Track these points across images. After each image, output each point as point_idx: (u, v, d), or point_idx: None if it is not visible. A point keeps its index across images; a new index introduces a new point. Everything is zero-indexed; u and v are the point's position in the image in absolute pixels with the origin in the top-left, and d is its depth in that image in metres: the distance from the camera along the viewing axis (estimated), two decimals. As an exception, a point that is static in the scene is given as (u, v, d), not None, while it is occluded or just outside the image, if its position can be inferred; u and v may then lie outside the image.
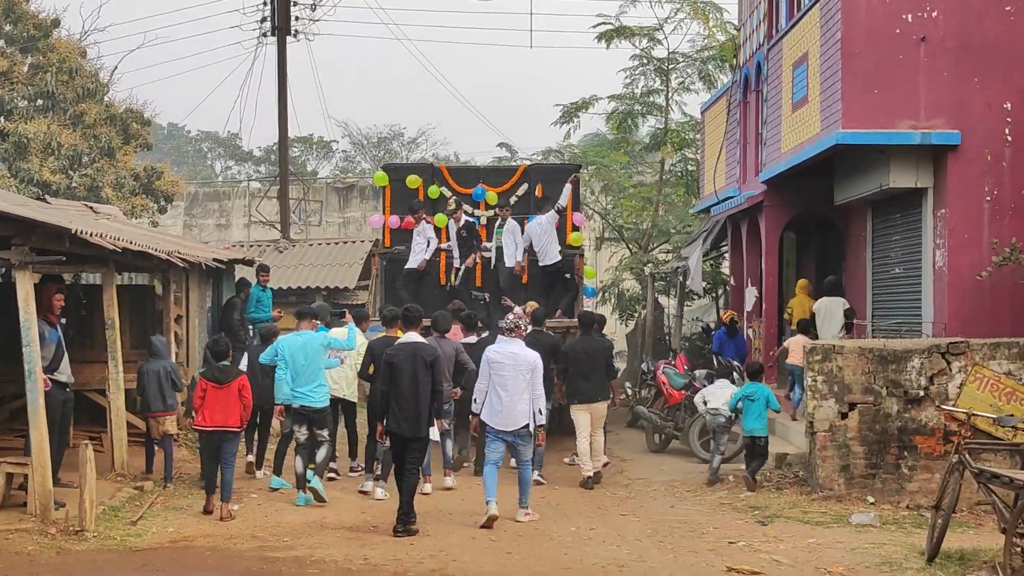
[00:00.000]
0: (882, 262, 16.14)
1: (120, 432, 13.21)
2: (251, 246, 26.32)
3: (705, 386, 15.23)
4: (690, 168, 26.92)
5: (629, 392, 19.67)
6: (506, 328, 11.82)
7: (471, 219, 18.36)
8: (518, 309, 13.72)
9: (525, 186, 19.28)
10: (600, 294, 26.39)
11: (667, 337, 24.27)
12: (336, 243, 26.77)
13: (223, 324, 18.25)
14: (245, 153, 63.12)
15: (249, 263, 19.16)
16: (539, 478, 13.64)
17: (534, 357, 11.63)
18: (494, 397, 11.50)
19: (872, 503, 12.14)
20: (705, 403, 14.12)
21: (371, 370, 12.49)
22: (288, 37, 26.37)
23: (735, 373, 15.54)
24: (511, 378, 11.42)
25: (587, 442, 13.73)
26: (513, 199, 19.05)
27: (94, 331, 15.60)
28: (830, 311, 15.62)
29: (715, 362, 15.61)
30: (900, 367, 12.27)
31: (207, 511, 11.71)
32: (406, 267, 18.16)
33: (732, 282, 20.86)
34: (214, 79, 65.98)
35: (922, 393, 12.21)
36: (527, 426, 11.52)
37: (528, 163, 24.49)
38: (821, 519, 11.55)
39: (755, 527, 11.34)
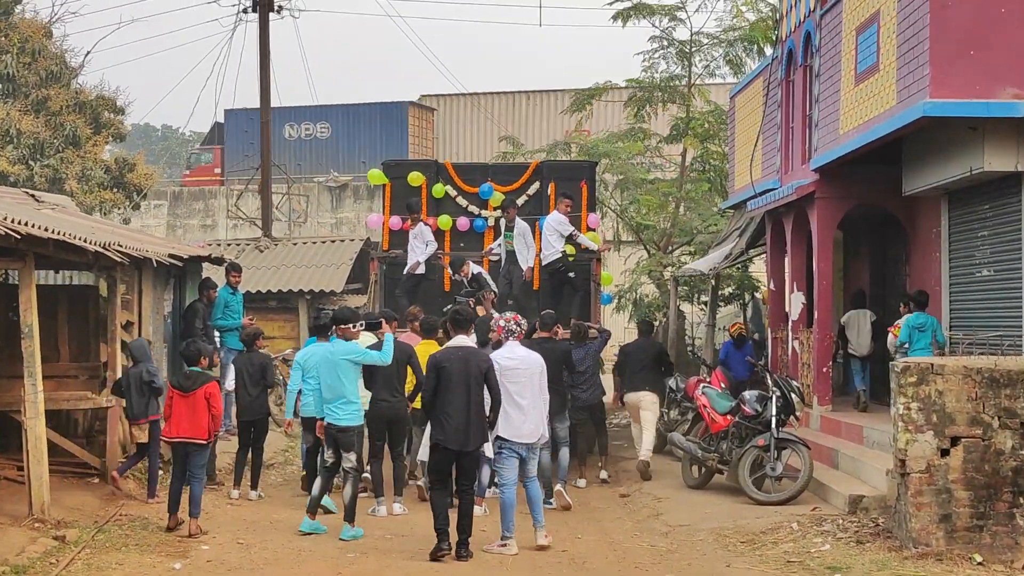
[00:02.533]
0: (963, 263, 13.58)
1: (39, 467, 10.65)
2: (228, 245, 23.81)
3: (758, 411, 12.71)
4: (714, 161, 24.36)
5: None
6: (510, 332, 10.94)
7: (479, 270, 16.71)
8: (507, 314, 11.52)
9: (537, 184, 17.69)
10: (616, 300, 23.84)
11: (693, 349, 21.77)
12: (323, 242, 24.24)
13: (185, 334, 15.69)
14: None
15: (218, 261, 16.59)
16: (566, 499, 12.69)
17: (540, 359, 10.96)
18: (511, 407, 10.40)
19: (980, 563, 9.61)
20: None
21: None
22: (271, 13, 23.79)
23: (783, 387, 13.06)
24: (527, 384, 10.54)
25: (638, 428, 14.97)
26: (523, 199, 17.47)
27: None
28: (859, 324, 15.68)
29: (769, 379, 13.00)
30: (1016, 392, 9.77)
31: (169, 528, 10.76)
32: (404, 271, 16.60)
33: (772, 286, 18.30)
34: (191, 62, 63.44)
35: (1044, 425, 9.70)
36: (542, 436, 10.79)
37: (540, 160, 22.23)
38: (924, 587, 9.01)
39: (842, 598, 8.81)
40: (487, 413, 10.22)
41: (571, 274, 16.32)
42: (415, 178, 17.41)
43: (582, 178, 17.69)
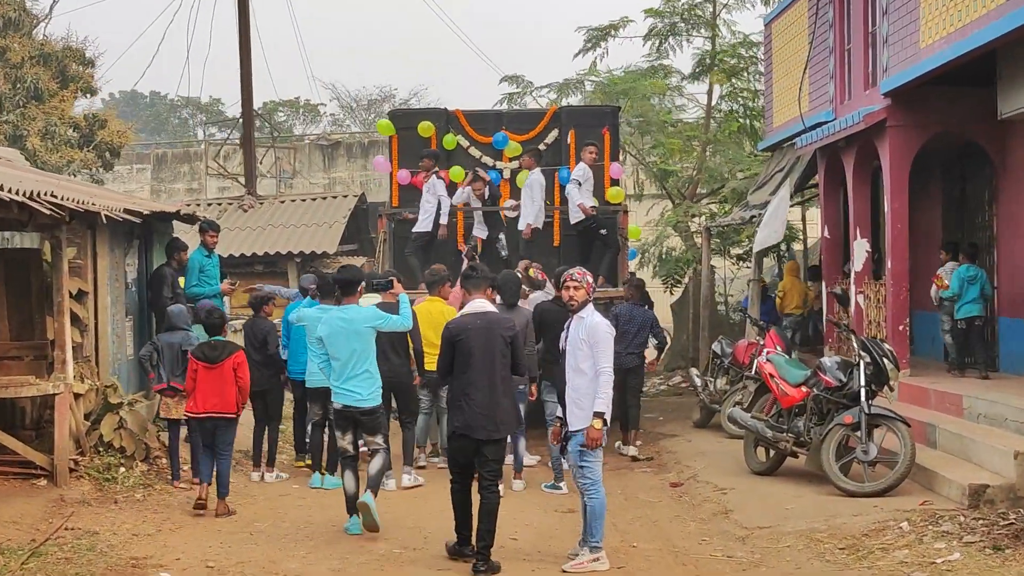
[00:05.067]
0: (1077, 197, 11.35)
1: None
2: (209, 204, 21.55)
3: (842, 381, 10.47)
4: (743, 100, 22.05)
5: (697, 381, 14.92)
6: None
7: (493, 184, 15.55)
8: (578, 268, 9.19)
9: (556, 132, 16.27)
10: (640, 255, 21.65)
11: (727, 307, 19.56)
12: (313, 199, 21.97)
13: (153, 303, 13.50)
14: (228, 119, 58.42)
15: (190, 219, 14.33)
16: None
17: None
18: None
19: None
20: None
21: None
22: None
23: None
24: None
25: None
26: (542, 147, 16.05)
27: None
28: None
29: (855, 342, 10.69)
30: None
31: (198, 503, 9.96)
32: (414, 230, 15.29)
33: (826, 233, 16.06)
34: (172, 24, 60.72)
35: None
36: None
37: (558, 105, 20.40)
38: (1106, 615, 6.84)
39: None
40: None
41: (603, 231, 14.92)
42: (425, 128, 16.13)
43: (604, 124, 16.26)
